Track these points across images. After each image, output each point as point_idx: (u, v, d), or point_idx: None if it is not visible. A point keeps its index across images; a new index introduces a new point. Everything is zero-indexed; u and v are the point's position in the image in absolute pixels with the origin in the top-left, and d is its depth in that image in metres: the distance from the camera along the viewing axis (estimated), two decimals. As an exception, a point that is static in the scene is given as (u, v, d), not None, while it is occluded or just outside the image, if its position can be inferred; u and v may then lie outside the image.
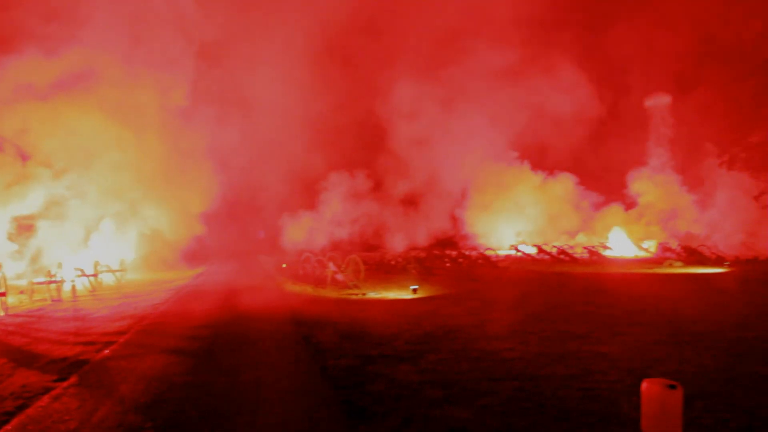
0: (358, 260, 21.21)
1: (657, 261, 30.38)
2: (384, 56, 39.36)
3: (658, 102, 40.55)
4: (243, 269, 30.32)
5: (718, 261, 28.52)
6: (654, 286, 19.32)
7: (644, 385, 5.36)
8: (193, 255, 34.23)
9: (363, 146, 39.37)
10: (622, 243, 39.03)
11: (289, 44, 35.68)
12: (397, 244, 38.99)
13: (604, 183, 42.08)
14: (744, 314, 12.68)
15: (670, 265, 27.83)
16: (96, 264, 22.33)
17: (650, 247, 37.14)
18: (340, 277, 20.17)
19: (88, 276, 21.29)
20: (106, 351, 9.92)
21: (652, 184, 40.60)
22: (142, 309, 15.13)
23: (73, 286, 19.08)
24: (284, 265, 28.46)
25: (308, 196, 37.59)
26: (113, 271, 23.79)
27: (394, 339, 10.47)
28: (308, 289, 19.61)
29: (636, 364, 8.34)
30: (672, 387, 5.22)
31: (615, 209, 42.30)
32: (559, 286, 19.59)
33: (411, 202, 41.25)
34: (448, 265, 30.80)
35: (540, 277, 23.23)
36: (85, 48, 26.94)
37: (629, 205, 42.08)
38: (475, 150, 41.00)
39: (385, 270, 27.26)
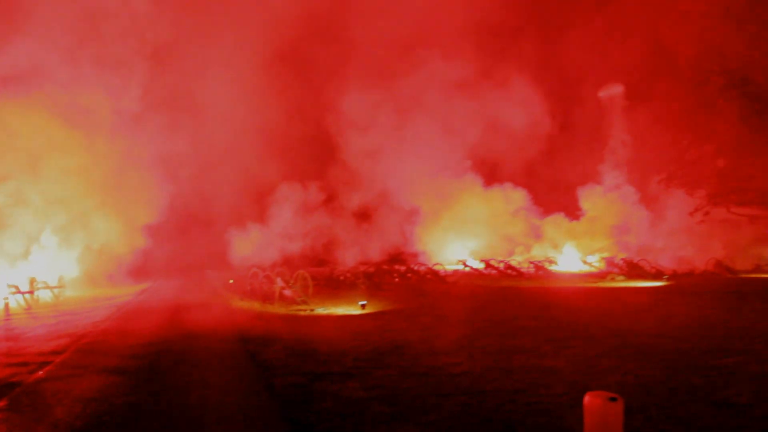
0: (306, 276, 21.04)
1: (600, 275, 31.16)
2: (337, 66, 39.36)
3: (612, 92, 41.62)
4: (189, 285, 29.67)
5: (657, 275, 29.46)
6: (597, 299, 19.79)
7: (587, 398, 5.47)
8: (138, 270, 33.30)
9: (315, 158, 39.24)
10: (568, 258, 39.91)
11: (241, 53, 35.19)
12: (347, 258, 38.85)
13: (556, 197, 42.98)
14: (681, 326, 13.11)
15: (613, 279, 28.58)
16: (32, 280, 21.47)
17: (594, 261, 38.09)
18: (288, 292, 19.96)
19: (23, 293, 20.45)
20: (41, 372, 9.51)
21: (600, 199, 41.68)
22: (82, 327, 14.61)
23: (6, 304, 18.28)
24: (231, 281, 27.98)
25: (258, 208, 37.02)
26: (51, 288, 22.91)
27: (342, 355, 10.39)
28: (256, 306, 19.33)
29: (580, 377, 8.50)
30: (613, 399, 5.34)
31: (558, 220, 43.10)
32: (505, 301, 19.85)
33: (362, 215, 41.31)
34: (396, 280, 30.88)
35: (487, 292, 23.50)
36: (28, 47, 26.02)
37: (576, 218, 43.01)
38: (426, 163, 41.35)
39: (334, 285, 27.12)
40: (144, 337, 12.80)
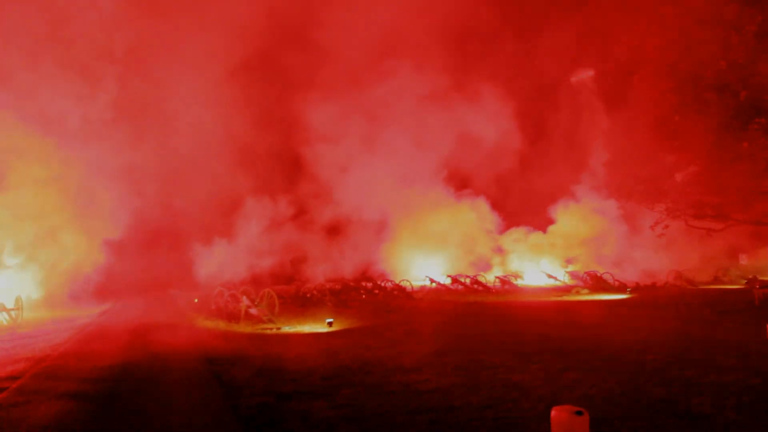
0: (272, 294, 20.85)
1: (565, 289, 31.58)
2: (306, 77, 39.05)
3: (583, 77, 42.25)
4: (153, 305, 29.08)
5: (620, 288, 29.97)
6: (563, 313, 20.04)
7: (553, 412, 5.52)
8: (100, 290, 32.46)
9: (284, 171, 38.86)
10: (533, 272, 40.35)
11: (209, 64, 34.58)
12: (314, 275, 38.63)
13: (528, 210, 43.40)
14: (644, 338, 13.34)
15: (578, 293, 28.99)
16: (-12, 303, 20.82)
17: (560, 275, 38.58)
18: (254, 311, 19.73)
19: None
20: (-3, 398, 9.20)
21: (569, 213, 42.23)
22: (40, 350, 14.17)
23: (-40, 329, 17.67)
24: (196, 300, 27.54)
25: (225, 223, 36.37)
26: (8, 311, 22.21)
27: (309, 374, 10.30)
28: (221, 325, 19.04)
29: (546, 392, 8.57)
30: (579, 413, 5.40)
31: (518, 234, 43.51)
32: (472, 316, 19.95)
33: (332, 230, 41.14)
34: (363, 296, 30.77)
35: (454, 308, 23.59)
36: None
37: (543, 231, 43.51)
38: (395, 177, 41.35)
39: (301, 303, 26.91)
40: (105, 359, 12.48)
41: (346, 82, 39.75)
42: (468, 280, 35.29)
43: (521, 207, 43.04)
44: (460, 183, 43.83)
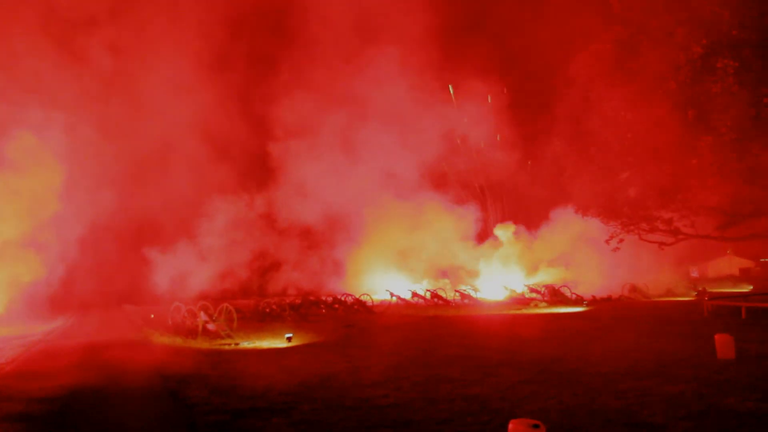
0: (230, 309, 20.58)
1: (524, 302, 31.97)
2: (277, 72, 38.64)
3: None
4: (106, 320, 28.34)
5: (577, 301, 30.47)
6: (521, 326, 20.25)
7: (511, 425, 5.56)
8: (51, 306, 31.41)
9: (249, 172, 38.38)
10: (492, 285, 40.75)
11: (174, 57, 33.72)
12: (275, 289, 38.27)
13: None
14: (600, 350, 13.56)
15: (536, 306, 29.37)
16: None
17: (519, 288, 39.05)
18: (211, 326, 19.40)
19: None
20: (-62, 421, 8.80)
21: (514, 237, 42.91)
22: (-15, 370, 13.65)
23: None
24: (152, 316, 26.95)
25: (184, 230, 35.13)
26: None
27: (267, 390, 10.16)
28: (178, 341, 18.66)
29: (505, 405, 8.63)
30: (536, 426, 5.45)
31: (468, 247, 43.92)
32: (432, 330, 20.00)
33: (300, 238, 40.84)
34: (323, 311, 30.61)
35: (415, 322, 23.63)
36: None
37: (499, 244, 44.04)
38: (361, 188, 41.32)
39: (260, 318, 26.62)
40: (55, 379, 12.06)
41: (323, 76, 39.39)
42: (428, 294, 35.43)
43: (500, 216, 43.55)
44: (436, 187, 44.14)
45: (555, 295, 32.00)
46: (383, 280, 42.16)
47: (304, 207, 39.39)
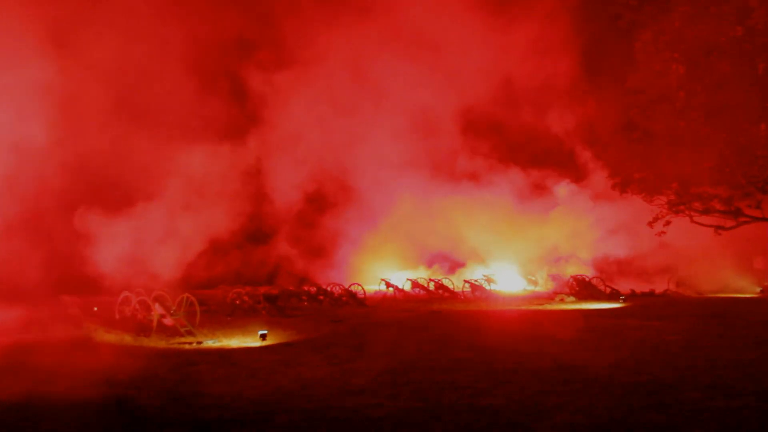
0: (192, 300, 20.55)
1: (548, 296, 32.09)
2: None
3: None
4: (36, 315, 28.23)
5: (613, 296, 30.60)
6: (543, 325, 20.34)
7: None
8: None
9: (217, 119, 37.78)
10: (510, 276, 40.87)
11: None
12: (243, 277, 38.15)
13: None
14: (638, 355, 13.63)
15: (562, 301, 29.50)
16: None
17: (540, 279, 39.19)
18: (169, 321, 19.40)
19: None
20: None
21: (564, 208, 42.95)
22: None
23: None
24: (96, 309, 26.93)
25: (133, 196, 34.18)
26: None
27: (236, 398, 10.19)
28: (128, 339, 18.67)
29: (522, 418, 8.66)
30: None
31: (482, 231, 44.03)
32: (436, 328, 20.06)
33: (261, 228, 40.78)
34: (305, 303, 30.66)
35: (415, 317, 23.70)
36: None
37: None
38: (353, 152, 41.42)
39: (229, 311, 26.62)
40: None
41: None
42: (432, 285, 35.52)
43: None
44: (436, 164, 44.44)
45: (584, 288, 32.12)
46: (377, 267, 42.23)
47: (300, 168, 39.34)
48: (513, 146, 44.97)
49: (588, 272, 35.95)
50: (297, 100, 39.16)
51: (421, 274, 39.84)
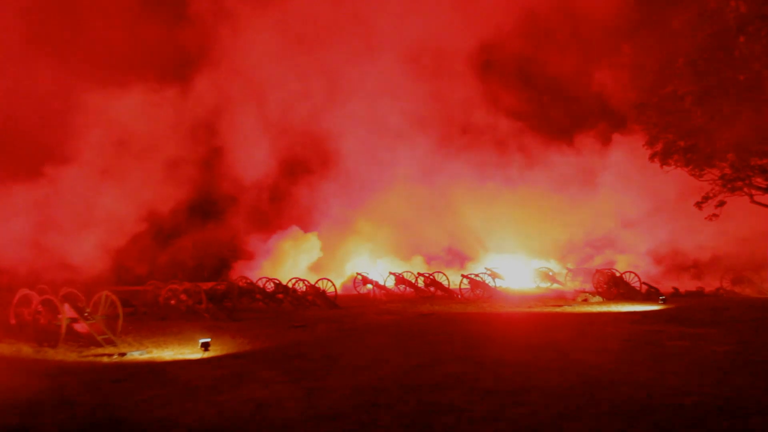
0: (113, 300, 20.38)
1: (568, 296, 32.20)
2: None
3: None
4: None
5: (650, 295, 30.72)
6: (562, 331, 20.36)
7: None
8: None
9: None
10: (520, 270, 41.03)
11: None
12: (184, 270, 38.14)
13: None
14: (682, 372, 13.65)
15: (585, 301, 29.60)
16: None
17: (558, 275, 39.33)
18: (82, 327, 19.26)
19: None
20: None
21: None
22: None
23: None
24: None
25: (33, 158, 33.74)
26: None
27: (169, 427, 10.12)
28: (27, 350, 18.51)
29: (535, 451, 8.66)
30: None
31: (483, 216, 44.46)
32: (425, 334, 20.06)
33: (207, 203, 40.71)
34: (260, 304, 30.62)
35: (399, 322, 23.70)
36: None
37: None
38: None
39: (161, 314, 26.53)
40: None
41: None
42: (421, 281, 35.57)
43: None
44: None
45: (614, 285, 32.23)
46: (353, 257, 42.33)
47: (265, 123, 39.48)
48: (535, 102, 45.58)
49: (623, 266, 36.12)
50: (262, 30, 39.06)
51: (414, 268, 39.95)
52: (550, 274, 40.55)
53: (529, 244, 43.88)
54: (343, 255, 43.80)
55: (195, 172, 37.94)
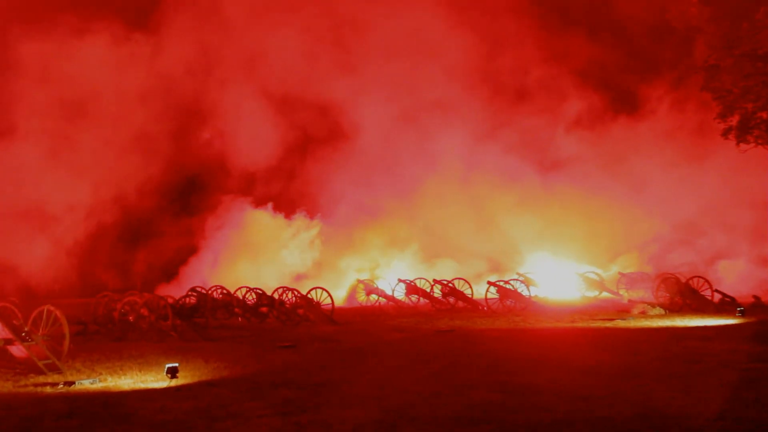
0: (58, 315, 20.38)
1: (620, 308, 32.15)
2: None
3: None
4: None
5: (725, 306, 30.61)
6: (611, 352, 20.29)
7: None
8: None
9: None
10: (558, 275, 40.99)
11: None
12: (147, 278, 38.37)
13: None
14: (764, 401, 13.59)
15: (643, 314, 29.51)
16: None
17: (608, 282, 39.27)
18: (18, 350, 19.26)
19: None
20: None
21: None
22: None
23: None
24: None
25: None
26: None
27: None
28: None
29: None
30: None
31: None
32: (445, 355, 20.06)
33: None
34: (239, 319, 30.66)
35: (412, 339, 23.70)
36: None
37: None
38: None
39: (117, 332, 26.54)
40: None
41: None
42: (439, 289, 35.57)
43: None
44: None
45: (681, 295, 32.12)
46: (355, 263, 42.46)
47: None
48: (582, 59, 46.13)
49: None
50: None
51: (436, 273, 40.05)
52: (599, 280, 40.46)
53: (572, 245, 43.90)
54: (347, 254, 43.92)
55: (164, 146, 38.08)
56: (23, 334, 19.67)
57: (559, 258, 43.57)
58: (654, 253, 41.94)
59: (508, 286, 35.53)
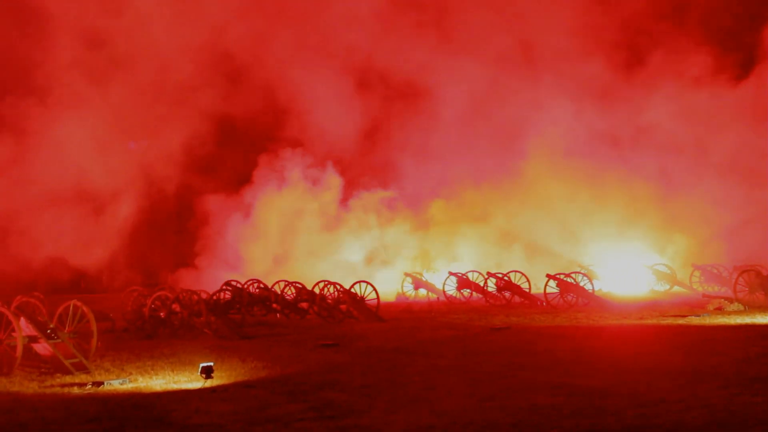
0: (85, 312, 20.55)
1: (693, 303, 31.93)
2: None
3: None
4: None
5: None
6: (683, 351, 20.16)
7: None
8: None
9: None
10: (624, 268, 40.81)
11: None
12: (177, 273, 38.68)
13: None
14: None
15: (719, 310, 29.27)
16: None
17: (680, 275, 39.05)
18: (44, 348, 19.43)
19: None
20: None
21: None
22: None
23: None
24: None
25: None
26: None
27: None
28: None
29: None
30: None
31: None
32: (498, 355, 20.03)
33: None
34: (278, 315, 30.74)
35: (464, 337, 23.68)
36: None
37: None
38: None
39: (148, 329, 26.71)
40: None
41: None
42: (494, 282, 35.53)
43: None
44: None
45: (762, 289, 31.79)
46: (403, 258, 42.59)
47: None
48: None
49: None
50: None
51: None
52: (670, 273, 40.20)
53: (639, 234, 43.65)
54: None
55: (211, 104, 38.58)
56: (48, 331, 19.84)
57: (625, 249, 43.27)
58: (733, 242, 41.58)
59: (569, 280, 35.40)
